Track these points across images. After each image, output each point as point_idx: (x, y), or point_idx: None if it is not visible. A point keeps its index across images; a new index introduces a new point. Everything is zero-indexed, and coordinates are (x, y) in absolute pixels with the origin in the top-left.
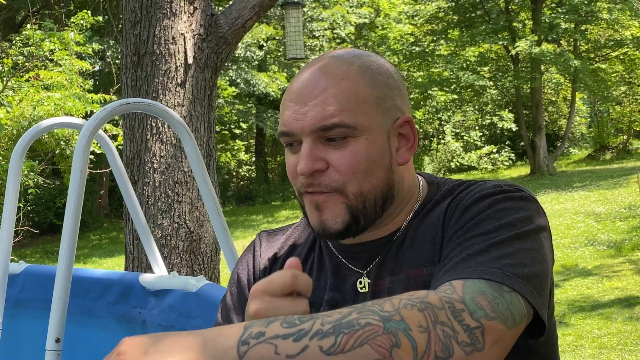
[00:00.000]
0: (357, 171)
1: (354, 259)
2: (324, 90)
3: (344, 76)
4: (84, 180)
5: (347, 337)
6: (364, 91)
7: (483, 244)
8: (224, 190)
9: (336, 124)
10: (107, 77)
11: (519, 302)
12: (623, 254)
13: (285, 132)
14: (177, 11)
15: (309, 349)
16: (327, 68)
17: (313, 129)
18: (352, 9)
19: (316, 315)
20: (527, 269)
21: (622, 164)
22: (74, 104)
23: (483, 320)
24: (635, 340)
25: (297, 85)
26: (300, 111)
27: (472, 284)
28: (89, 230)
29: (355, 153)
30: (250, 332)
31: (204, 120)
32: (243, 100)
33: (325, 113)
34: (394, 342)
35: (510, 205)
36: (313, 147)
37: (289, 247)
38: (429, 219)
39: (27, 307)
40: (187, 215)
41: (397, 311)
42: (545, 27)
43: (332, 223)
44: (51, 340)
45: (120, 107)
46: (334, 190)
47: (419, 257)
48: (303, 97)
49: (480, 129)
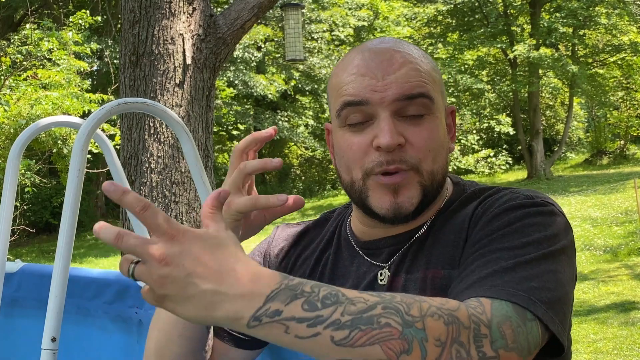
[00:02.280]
0: (431, 149)
1: (374, 255)
2: (403, 65)
3: (416, 56)
4: (81, 179)
5: (362, 334)
6: (433, 73)
7: (510, 261)
8: None
9: (421, 93)
10: (105, 77)
11: (537, 331)
12: (619, 258)
13: (356, 102)
14: (176, 11)
15: (320, 336)
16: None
17: (397, 97)
18: (351, 11)
19: (341, 298)
20: (551, 294)
21: (619, 169)
22: (71, 103)
23: (501, 351)
24: (631, 345)
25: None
26: (378, 84)
27: (499, 306)
28: (85, 230)
29: (431, 130)
30: (267, 308)
31: (202, 121)
32: (241, 101)
33: (409, 84)
34: (405, 348)
35: (540, 221)
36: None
37: (304, 241)
38: (454, 220)
39: (23, 305)
40: (184, 216)
41: (422, 318)
42: (543, 31)
43: (408, 205)
44: (47, 339)
45: (118, 106)
46: (412, 167)
47: (438, 257)
48: (381, 71)
49: (477, 132)
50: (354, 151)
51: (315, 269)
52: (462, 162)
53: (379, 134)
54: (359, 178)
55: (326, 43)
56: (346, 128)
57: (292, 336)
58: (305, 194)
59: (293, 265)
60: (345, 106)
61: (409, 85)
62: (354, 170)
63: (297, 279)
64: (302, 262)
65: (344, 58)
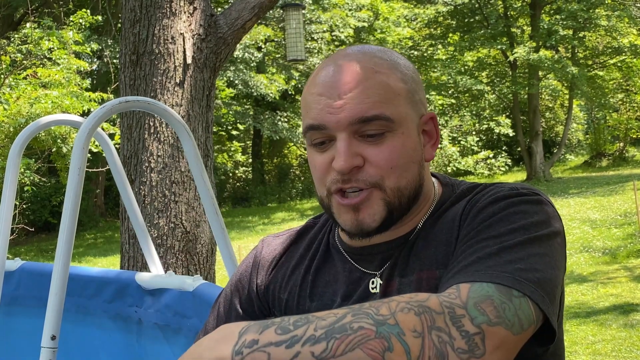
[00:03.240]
0: (395, 166)
1: (366, 262)
2: (360, 83)
3: (377, 70)
4: (82, 177)
5: (339, 342)
6: (397, 84)
7: (494, 247)
8: (220, 191)
9: (376, 115)
10: (104, 76)
11: (529, 308)
12: (618, 260)
13: (315, 126)
14: (176, 11)
15: (301, 354)
16: (358, 61)
17: (351, 121)
18: (351, 12)
19: (311, 319)
20: (539, 274)
21: (618, 171)
22: (71, 102)
23: (484, 326)
24: (630, 347)
25: (326, 79)
26: (334, 105)
27: (479, 287)
28: (84, 229)
29: (393, 148)
30: (243, 341)
31: (202, 121)
32: (241, 101)
33: (364, 105)
34: (386, 346)
35: (526, 209)
36: (350, 143)
37: (292, 251)
38: (444, 219)
39: (22, 304)
40: (183, 215)
41: (392, 315)
42: (543, 33)
43: (370, 221)
44: (47, 338)
45: (119, 105)
46: (373, 185)
47: (432, 258)
48: (337, 90)
49: (477, 134)
50: (318, 170)
51: (305, 278)
52: (462, 163)
53: (336, 156)
54: (325, 195)
55: (326, 43)
56: (313, 147)
57: None
58: (305, 195)
59: (283, 277)
60: (308, 129)
61: (362, 107)
62: (320, 188)
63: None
64: (291, 272)
65: (316, 70)
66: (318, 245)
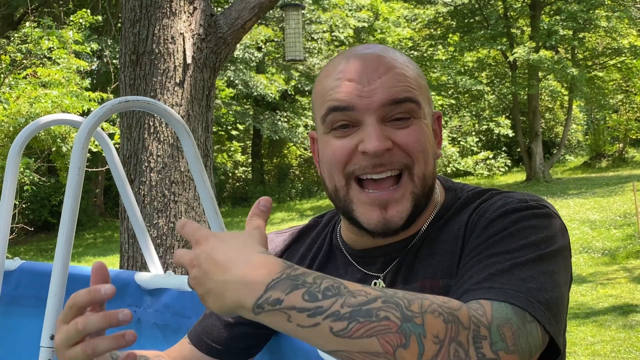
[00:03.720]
0: (422, 151)
1: (368, 264)
2: (389, 70)
3: (402, 61)
4: (81, 177)
5: (360, 325)
6: (418, 78)
7: (506, 264)
8: (219, 191)
9: (408, 98)
10: (104, 76)
11: (537, 333)
12: (617, 261)
13: (342, 107)
14: (176, 11)
15: (320, 326)
16: (382, 53)
17: (383, 103)
18: (351, 12)
19: (343, 291)
20: (548, 295)
21: (618, 172)
22: (71, 101)
23: (502, 353)
24: (629, 347)
25: (352, 67)
26: (364, 89)
27: (499, 307)
28: (83, 229)
29: (420, 132)
30: (268, 296)
31: (202, 121)
32: (240, 101)
33: (396, 88)
34: (402, 342)
35: (536, 224)
36: (379, 126)
37: (294, 249)
38: (449, 228)
39: (22, 304)
40: (183, 215)
41: (422, 314)
42: (543, 33)
43: (397, 219)
44: (46, 337)
45: (119, 104)
46: (404, 167)
47: (436, 267)
48: (367, 76)
49: (476, 134)
50: (336, 156)
51: None
52: (461, 163)
53: (366, 139)
54: (342, 185)
55: (326, 44)
56: (331, 134)
57: (294, 325)
58: (304, 195)
59: None
60: (331, 111)
61: (395, 89)
62: (336, 176)
63: (301, 269)
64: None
65: (327, 65)
66: (320, 245)
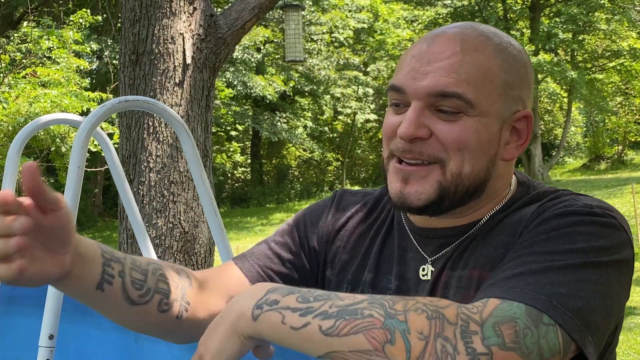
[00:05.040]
0: (462, 149)
1: (424, 244)
2: (453, 56)
3: (477, 48)
4: (81, 176)
5: (346, 323)
6: (494, 71)
7: (542, 264)
8: (218, 191)
9: (455, 93)
10: (104, 76)
11: (556, 337)
12: None
13: (396, 88)
14: (176, 11)
15: (310, 326)
16: (463, 35)
17: (429, 92)
18: (350, 13)
19: (332, 296)
20: (582, 302)
21: (617, 174)
22: (70, 101)
23: (495, 348)
24: (627, 350)
25: (424, 44)
26: (420, 70)
27: (507, 306)
28: (82, 229)
29: (466, 130)
30: (267, 298)
31: (201, 121)
32: (240, 102)
33: (448, 79)
34: (388, 338)
35: (592, 231)
36: (420, 113)
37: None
38: (509, 220)
39: (20, 303)
40: (182, 216)
41: (404, 312)
42: (543, 36)
43: (414, 198)
44: (45, 337)
45: (119, 104)
46: (435, 161)
47: (487, 258)
48: (428, 56)
49: None
50: (385, 130)
51: (370, 248)
52: None
53: (403, 122)
54: (385, 157)
55: (326, 45)
56: (390, 108)
57: (287, 327)
58: (303, 195)
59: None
60: (390, 89)
61: (445, 80)
62: (384, 148)
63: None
64: (358, 236)
65: (426, 35)
66: (386, 216)
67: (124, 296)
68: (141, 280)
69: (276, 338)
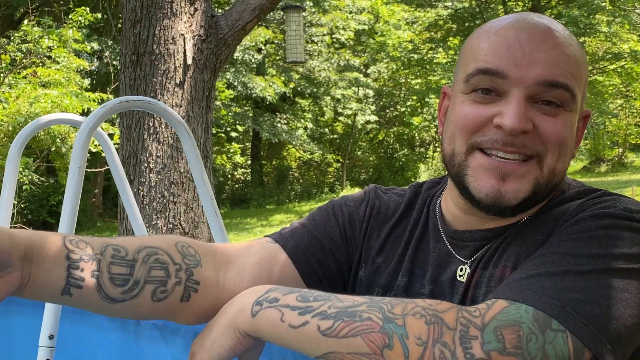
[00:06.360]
0: (561, 145)
1: (459, 247)
2: (558, 48)
3: (571, 42)
4: (81, 176)
5: (344, 324)
6: (584, 67)
7: (563, 267)
8: (218, 192)
9: (566, 85)
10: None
11: (565, 343)
12: None
13: (492, 71)
14: (177, 11)
15: (309, 325)
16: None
17: (539, 81)
18: (351, 14)
19: (332, 298)
20: (601, 310)
21: (617, 177)
22: (70, 101)
23: (494, 353)
24: None
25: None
26: (524, 59)
27: (514, 310)
28: (82, 230)
29: (565, 125)
30: (267, 295)
31: (202, 121)
32: (240, 103)
33: (559, 70)
34: (386, 342)
35: (626, 236)
36: (525, 104)
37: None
38: (547, 217)
39: (20, 303)
40: (182, 216)
41: (403, 316)
42: None
43: (512, 197)
44: (45, 337)
45: (120, 104)
46: (535, 155)
47: (519, 255)
48: (530, 46)
49: None
50: (467, 120)
51: (404, 252)
52: None
53: (506, 113)
54: (462, 151)
55: (326, 46)
56: (470, 96)
57: (286, 325)
58: (303, 197)
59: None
60: (479, 73)
61: (556, 71)
62: (458, 141)
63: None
64: (393, 239)
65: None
66: (418, 217)
67: (101, 296)
68: (124, 274)
69: (274, 336)
